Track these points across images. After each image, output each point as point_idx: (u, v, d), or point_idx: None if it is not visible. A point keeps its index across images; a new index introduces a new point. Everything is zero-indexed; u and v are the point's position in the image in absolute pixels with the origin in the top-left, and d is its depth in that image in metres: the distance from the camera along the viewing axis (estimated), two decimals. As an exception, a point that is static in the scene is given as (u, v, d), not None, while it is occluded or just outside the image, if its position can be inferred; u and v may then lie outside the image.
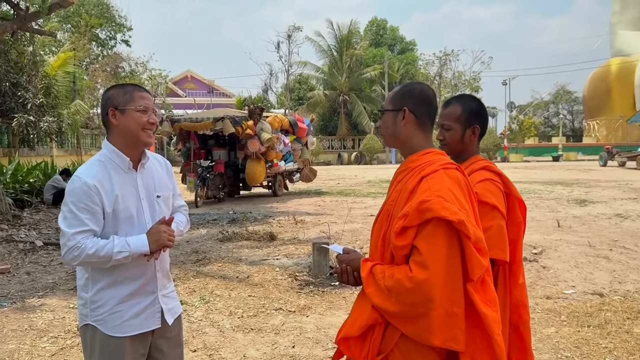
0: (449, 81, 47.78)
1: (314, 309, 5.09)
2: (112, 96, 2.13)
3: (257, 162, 14.12)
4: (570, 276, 6.06)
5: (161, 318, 2.22)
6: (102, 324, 2.11)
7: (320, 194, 15.96)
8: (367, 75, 44.16)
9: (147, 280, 2.18)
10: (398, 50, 51.49)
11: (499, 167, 2.30)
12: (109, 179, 2.09)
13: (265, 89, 46.59)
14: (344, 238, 8.26)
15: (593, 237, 8.09)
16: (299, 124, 16.01)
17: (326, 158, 41.34)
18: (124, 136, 2.13)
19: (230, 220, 10.76)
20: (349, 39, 44.23)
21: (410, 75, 47.09)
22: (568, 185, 17.38)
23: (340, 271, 1.98)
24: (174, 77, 51.59)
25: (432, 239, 1.70)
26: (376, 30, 52.41)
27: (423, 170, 1.84)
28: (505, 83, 51.23)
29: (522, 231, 2.23)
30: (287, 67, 43.71)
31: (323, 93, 44.31)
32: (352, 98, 43.46)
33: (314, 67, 46.60)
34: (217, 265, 6.87)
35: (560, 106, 67.87)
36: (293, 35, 42.53)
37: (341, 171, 29.20)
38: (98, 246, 2.01)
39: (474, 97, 2.38)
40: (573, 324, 4.52)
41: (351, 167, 35.23)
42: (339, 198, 14.70)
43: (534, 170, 27.75)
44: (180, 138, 14.96)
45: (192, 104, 44.61)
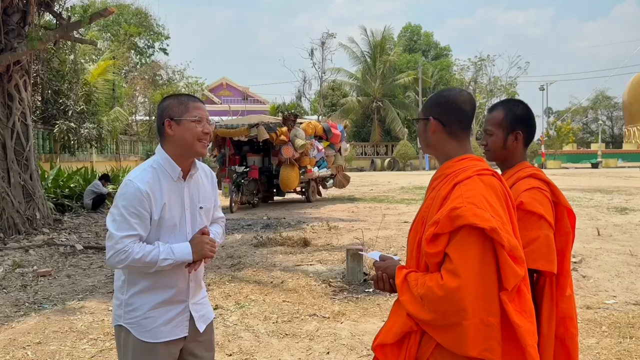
0: (484, 87, 47.17)
1: (348, 315, 5.08)
2: (167, 107, 2.18)
3: (290, 168, 14.20)
4: (611, 286, 5.90)
5: (189, 326, 2.26)
6: (134, 328, 2.16)
7: (354, 200, 15.94)
8: (401, 81, 43.97)
9: (180, 290, 2.22)
10: (432, 56, 51.14)
11: (542, 175, 2.25)
12: (159, 186, 2.14)
13: (298, 95, 46.79)
14: (377, 245, 8.23)
15: (634, 246, 7.86)
16: (333, 130, 16.04)
17: (359, 164, 41.26)
18: (178, 146, 2.18)
19: (264, 225, 10.84)
20: (382, 45, 44.15)
21: (444, 81, 46.68)
22: (608, 193, 16.93)
23: (376, 278, 1.98)
24: (210, 84, 52.31)
25: (464, 247, 1.68)
26: (410, 36, 52.20)
27: (457, 177, 1.82)
28: (543, 88, 50.28)
29: (570, 241, 2.16)
30: (321, 73, 43.86)
31: (356, 99, 44.28)
32: (385, 104, 43.31)
33: (347, 73, 46.65)
34: (251, 270, 6.93)
35: (599, 112, 66.22)
36: (327, 42, 42.66)
37: (374, 177, 29.11)
38: (145, 251, 2.06)
39: (520, 102, 2.31)
40: (614, 335, 4.40)
41: (384, 174, 35.08)
42: (372, 204, 14.66)
43: (573, 177, 27.11)
44: (216, 144, 15.18)
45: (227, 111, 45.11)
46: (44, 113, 16.65)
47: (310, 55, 42.99)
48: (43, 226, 10.09)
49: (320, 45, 42.58)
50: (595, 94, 65.02)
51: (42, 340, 4.54)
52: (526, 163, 2.24)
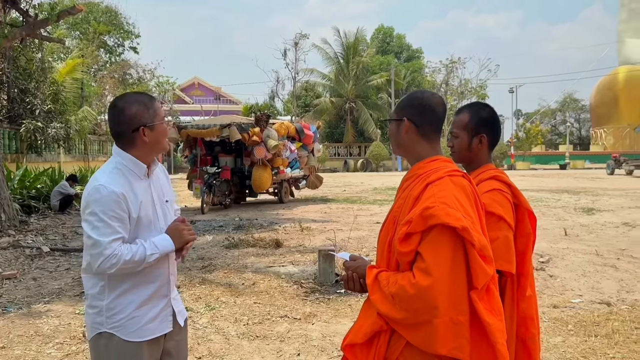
0: (455, 89, 47.73)
1: (319, 316, 5.08)
2: (137, 114, 2.13)
3: (263, 169, 14.14)
4: (578, 285, 6.02)
5: (173, 321, 2.26)
6: (120, 330, 2.12)
7: (326, 201, 15.96)
8: (374, 82, 44.24)
9: (162, 284, 2.22)
10: (404, 58, 51.55)
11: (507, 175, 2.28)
12: (130, 186, 2.12)
13: (271, 96, 46.72)
14: (350, 245, 8.25)
15: (600, 246, 8.04)
16: (306, 131, 16.04)
17: (332, 165, 41.34)
18: (149, 148, 2.17)
19: (236, 227, 10.77)
20: (355, 46, 44.35)
21: (416, 82, 47.12)
22: (575, 194, 17.31)
23: (346, 278, 1.98)
24: (182, 84, 51.85)
25: (436, 246, 1.70)
26: (382, 38, 52.52)
27: (428, 177, 1.84)
28: (512, 91, 51.18)
29: (531, 243, 2.19)
30: (294, 74, 43.82)
31: (329, 100, 44.38)
32: (359, 105, 43.53)
33: (321, 74, 46.73)
34: (222, 272, 6.87)
35: (568, 114, 67.65)
36: (300, 43, 42.64)
37: (347, 178, 29.20)
38: (132, 252, 2.05)
39: (485, 106, 2.35)
40: (580, 334, 4.48)
41: (357, 174, 35.22)
42: (345, 205, 14.69)
43: (541, 178, 27.64)
44: (187, 145, 15.03)
45: (199, 111, 44.78)
46: (10, 112, 16.24)
47: (284, 56, 42.93)
48: (9, 228, 9.84)
49: (294, 46, 42.56)
50: (564, 97, 66.43)
51: (7, 345, 4.42)
52: (490, 165, 2.28)
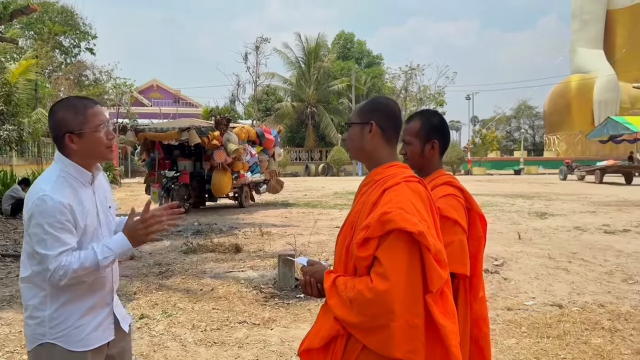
0: (414, 95, 48.49)
1: (278, 321, 5.06)
2: (63, 120, 2.03)
3: (223, 173, 14.02)
4: (531, 288, 6.19)
5: (115, 329, 2.20)
6: (63, 340, 2.05)
7: (287, 206, 15.93)
8: (335, 87, 44.52)
9: (105, 292, 2.16)
10: (365, 64, 52.05)
11: (463, 180, 2.34)
12: (76, 195, 2.04)
13: (232, 99, 46.41)
14: (310, 250, 8.25)
15: (553, 250, 8.29)
16: (266, 135, 16.00)
17: (293, 169, 41.31)
18: (85, 157, 2.07)
19: (195, 231, 10.63)
20: (316, 51, 44.57)
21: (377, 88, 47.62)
22: (529, 198, 17.78)
23: (304, 283, 1.99)
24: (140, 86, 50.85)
25: (393, 250, 1.72)
26: (343, 43, 52.90)
27: (386, 183, 1.86)
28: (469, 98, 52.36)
29: (482, 245, 2.27)
30: (255, 78, 43.68)
31: (291, 105, 44.41)
32: (320, 110, 43.70)
33: (282, 78, 46.73)
34: (180, 277, 6.77)
35: (522, 121, 69.64)
36: (261, 47, 42.56)
37: (308, 183, 29.22)
38: (81, 259, 1.96)
39: (435, 113, 2.42)
40: (533, 335, 4.61)
41: (318, 179, 35.29)
42: (306, 209, 14.70)
43: (497, 183, 28.31)
44: (145, 148, 14.77)
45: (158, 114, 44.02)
46: (-42, 113, 15.61)
47: (245, 60, 42.75)
48: (-46, 233, 9.44)
49: (255, 50, 42.45)
50: (518, 104, 68.32)
51: (-50, 356, 4.24)
52: (442, 171, 2.34)
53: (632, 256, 7.84)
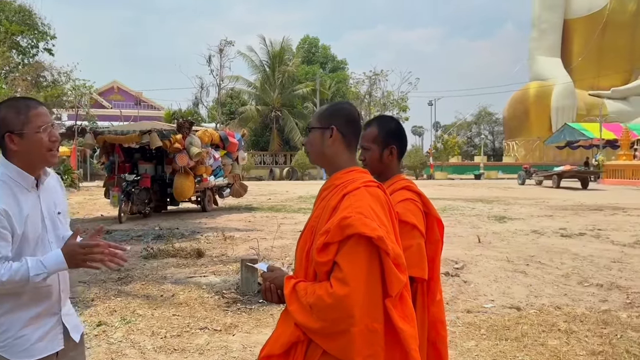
0: (378, 100, 48.96)
1: (240, 327, 5.01)
2: (4, 119, 1.96)
3: (185, 177, 13.83)
4: (490, 290, 6.30)
5: (64, 338, 2.13)
6: (5, 350, 1.97)
7: (251, 210, 15.83)
8: (299, 91, 44.59)
9: (52, 302, 2.08)
10: (329, 69, 52.29)
11: (426, 184, 2.37)
12: (15, 200, 1.96)
13: (195, 102, 45.96)
14: (273, 254, 8.21)
15: (511, 253, 8.47)
16: (230, 139, 15.88)
17: (258, 173, 41.11)
18: (26, 159, 2.00)
19: (155, 236, 10.44)
20: (281, 55, 44.56)
21: (341, 93, 47.90)
22: (489, 203, 18.14)
23: (264, 289, 1.98)
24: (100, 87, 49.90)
25: (353, 255, 1.73)
26: (308, 48, 53.04)
27: (345, 188, 1.87)
28: (431, 103, 53.24)
29: (439, 249, 2.31)
30: (219, 81, 43.34)
31: (255, 108, 44.27)
32: (284, 114, 43.68)
33: (246, 82, 46.56)
34: (140, 283, 6.64)
35: (482, 127, 71.16)
36: (225, 50, 42.28)
37: (272, 187, 29.12)
38: (11, 271, 1.88)
39: (392, 118, 2.46)
40: (492, 338, 4.69)
41: (283, 183, 35.22)
42: (270, 214, 14.63)
43: (458, 187, 28.80)
44: (104, 151, 14.43)
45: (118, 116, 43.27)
46: None
47: (208, 62, 42.39)
48: None
49: (219, 53, 42.13)
50: (479, 110, 69.82)
51: None
52: (400, 175, 2.36)
53: (588, 259, 8.07)
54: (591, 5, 53.65)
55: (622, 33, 52.70)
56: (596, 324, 4.99)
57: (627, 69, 53.38)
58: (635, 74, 53.82)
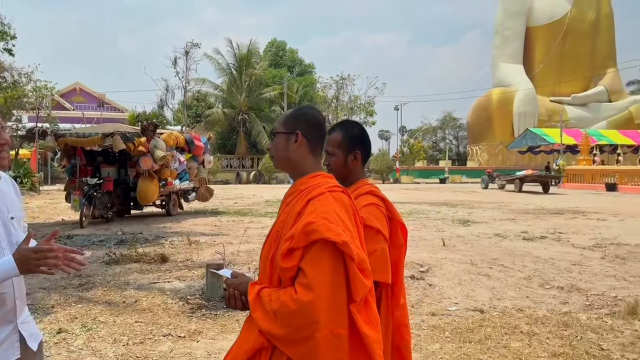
0: (345, 104, 49.22)
1: (205, 333, 4.94)
2: None
3: (149, 181, 13.61)
4: (454, 293, 6.38)
5: (21, 347, 2.05)
6: None
7: (217, 214, 15.69)
8: (267, 95, 44.49)
9: (6, 310, 2.00)
10: (297, 72, 52.33)
11: (392, 188, 2.38)
12: None
13: (160, 104, 45.37)
14: (239, 259, 8.15)
15: (475, 256, 8.60)
16: (196, 142, 15.71)
17: (224, 177, 40.80)
18: None
19: (118, 241, 10.23)
20: (248, 58, 44.40)
21: (309, 97, 47.98)
22: (453, 206, 18.41)
23: (227, 296, 1.95)
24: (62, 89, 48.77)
25: (317, 261, 1.72)
26: (275, 51, 52.99)
27: (310, 193, 1.86)
28: (397, 108, 53.75)
29: (403, 253, 2.32)
30: (185, 83, 42.87)
31: (222, 111, 43.96)
32: (252, 117, 43.50)
33: (213, 84, 46.22)
34: (101, 290, 6.49)
35: (447, 131, 72.29)
36: (191, 52, 41.87)
37: (239, 190, 28.92)
38: None
39: (355, 123, 2.45)
40: (456, 340, 4.74)
41: (250, 187, 35.02)
42: (236, 218, 14.52)
43: (423, 191, 29.14)
44: (65, 154, 14.09)
45: (81, 118, 42.31)
46: None
47: (174, 64, 41.91)
48: None
49: (184, 55, 41.70)
50: (444, 115, 70.91)
51: None
52: (365, 180, 2.37)
53: (549, 262, 8.26)
54: (552, 14, 55.13)
55: (582, 41, 54.34)
56: (557, 326, 5.09)
57: (586, 76, 55.04)
58: (594, 81, 55.57)
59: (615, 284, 6.88)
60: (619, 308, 5.69)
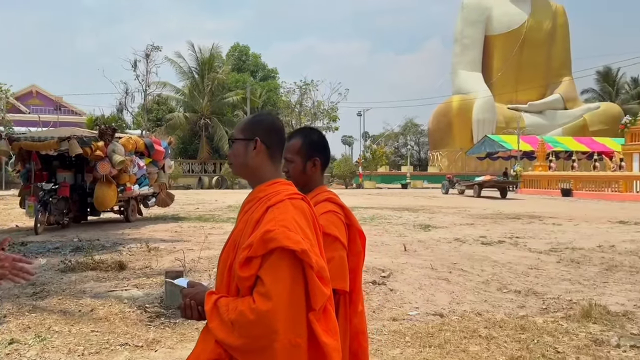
0: (309, 110, 49.29)
1: (163, 342, 4.84)
2: None
3: (107, 186, 13.31)
4: (415, 298, 6.44)
5: None
6: None
7: (178, 220, 15.45)
8: (229, 99, 44.19)
9: None
10: (260, 77, 52.19)
11: (355, 193, 2.38)
12: None
13: (120, 108, 44.51)
14: (200, 265, 8.03)
15: (435, 260, 8.71)
16: (156, 147, 15.46)
17: (186, 182, 40.25)
18: None
19: (74, 248, 9.95)
20: (210, 62, 44.03)
21: (272, 102, 47.90)
22: (415, 212, 18.63)
23: (183, 306, 1.91)
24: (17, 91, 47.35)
25: (276, 269, 1.70)
26: (238, 55, 52.73)
27: (269, 200, 1.85)
28: (360, 114, 54.16)
29: (361, 261, 2.32)
30: (145, 86, 42.17)
31: (183, 115, 43.43)
32: (214, 122, 43.12)
33: (174, 88, 45.63)
34: (56, 298, 6.29)
35: (409, 137, 73.22)
36: (152, 55, 41.24)
37: (201, 196, 28.58)
38: None
39: (315, 130, 2.46)
40: (416, 345, 4.78)
41: (212, 192, 34.64)
42: (197, 223, 14.34)
43: (385, 196, 29.41)
44: (20, 158, 13.65)
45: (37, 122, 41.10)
46: None
47: (134, 67, 41.17)
48: None
49: (145, 58, 41.04)
50: (405, 121, 71.85)
51: None
52: (323, 187, 2.37)
53: (506, 266, 8.44)
54: (510, 23, 56.61)
55: (538, 50, 55.97)
56: (514, 330, 5.19)
57: (543, 84, 56.71)
58: (550, 88, 57.29)
59: (570, 288, 7.08)
60: (574, 311, 5.84)
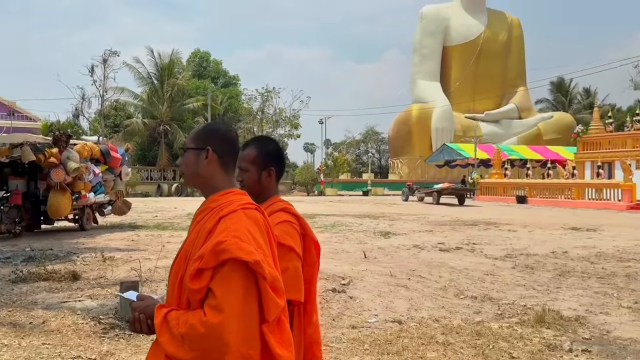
0: (270, 117, 49.20)
1: (118, 354, 4.72)
2: None
3: (61, 194, 12.96)
4: (374, 305, 6.47)
5: None
6: None
7: (135, 228, 15.14)
8: (190, 106, 43.73)
9: None
10: (221, 84, 51.83)
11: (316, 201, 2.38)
12: None
13: (76, 114, 43.43)
14: (157, 275, 7.88)
15: (394, 267, 8.78)
16: (112, 153, 15.16)
17: (144, 189, 39.51)
18: None
19: (26, 258, 9.63)
20: (170, 68, 43.51)
21: (233, 109, 47.61)
22: (375, 219, 18.78)
23: (132, 320, 1.86)
24: (-34, 96, 45.64)
25: (228, 281, 1.67)
26: (199, 62, 52.28)
27: (222, 211, 1.82)
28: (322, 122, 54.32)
29: (316, 271, 2.32)
30: (102, 92, 41.28)
31: (142, 121, 42.72)
32: (174, 128, 42.55)
33: (133, 94, 44.85)
34: (6, 310, 6.06)
35: (370, 145, 73.87)
36: (109, 60, 40.45)
37: (160, 203, 28.09)
38: None
39: (270, 140, 2.45)
40: (374, 352, 4.79)
41: (171, 199, 34.12)
42: (155, 232, 14.08)
43: (347, 203, 29.56)
44: (-31, 165, 13.17)
45: (-12, 127, 39.67)
46: None
47: (91, 72, 40.29)
48: None
49: (102, 63, 40.22)
50: (366, 129, 72.44)
51: None
52: (278, 197, 2.36)
53: (463, 272, 8.58)
54: (467, 34, 57.94)
55: (494, 61, 57.43)
56: (471, 335, 5.27)
57: (498, 94, 58.18)
58: (506, 98, 58.82)
59: (525, 293, 7.24)
60: (528, 317, 5.97)
